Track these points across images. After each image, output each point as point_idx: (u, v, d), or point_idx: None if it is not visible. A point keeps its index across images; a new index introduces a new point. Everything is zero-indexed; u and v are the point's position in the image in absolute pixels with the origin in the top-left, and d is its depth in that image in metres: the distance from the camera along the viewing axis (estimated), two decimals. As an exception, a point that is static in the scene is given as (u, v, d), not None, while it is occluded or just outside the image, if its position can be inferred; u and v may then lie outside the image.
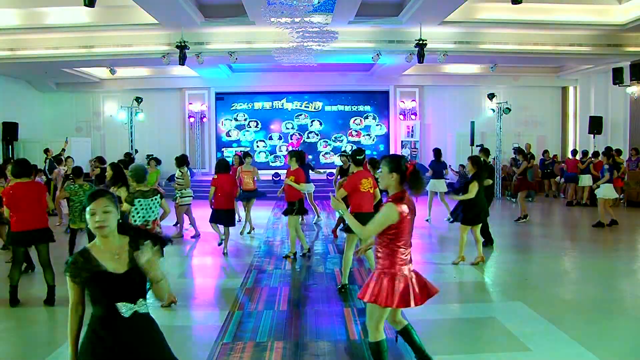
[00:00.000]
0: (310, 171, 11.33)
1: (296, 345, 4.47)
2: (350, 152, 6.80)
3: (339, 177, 9.87)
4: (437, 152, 11.77)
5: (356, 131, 19.57)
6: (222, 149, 19.36)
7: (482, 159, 8.13)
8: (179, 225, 9.97)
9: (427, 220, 11.12)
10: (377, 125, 19.61)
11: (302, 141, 19.21)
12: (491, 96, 17.41)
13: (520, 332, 4.71)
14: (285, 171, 11.26)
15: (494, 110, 17.16)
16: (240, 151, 19.13)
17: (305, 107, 19.52)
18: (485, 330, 4.79)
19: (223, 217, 8.02)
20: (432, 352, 4.16)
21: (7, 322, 5.23)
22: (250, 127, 19.45)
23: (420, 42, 12.69)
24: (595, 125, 16.52)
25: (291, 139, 19.41)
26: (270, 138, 19.48)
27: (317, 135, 19.51)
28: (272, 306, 5.59)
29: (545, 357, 4.21)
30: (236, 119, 19.46)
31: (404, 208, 3.32)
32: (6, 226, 7.44)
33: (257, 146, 19.35)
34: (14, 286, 5.58)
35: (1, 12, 12.50)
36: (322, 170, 15.30)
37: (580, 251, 8.64)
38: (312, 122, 19.51)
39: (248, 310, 5.45)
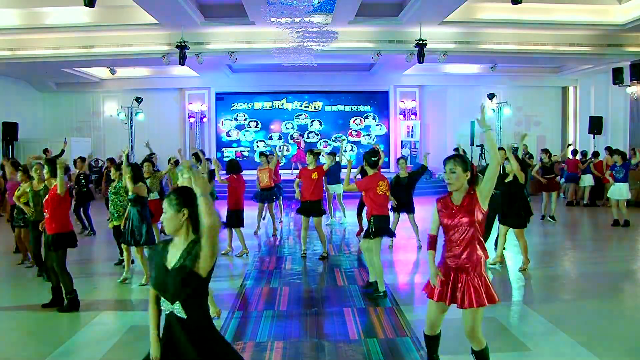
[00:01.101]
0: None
1: (296, 345, 4.47)
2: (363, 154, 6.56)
3: (358, 177, 9.62)
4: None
5: (356, 131, 19.57)
6: (222, 149, 19.37)
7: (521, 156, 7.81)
8: None
9: None
10: (377, 125, 19.61)
11: (302, 142, 19.18)
12: (491, 96, 17.43)
13: (520, 332, 4.72)
14: (288, 171, 11.20)
15: (494, 110, 17.19)
16: (240, 152, 19.23)
17: (305, 107, 19.53)
18: (485, 330, 4.78)
19: (233, 218, 7.94)
20: (432, 352, 4.17)
21: (7, 322, 5.23)
22: (250, 127, 19.45)
23: (420, 42, 12.70)
24: (595, 125, 16.52)
25: (292, 139, 19.41)
26: (271, 138, 19.49)
27: (317, 135, 19.51)
28: (272, 306, 5.59)
29: (545, 357, 4.21)
30: (236, 119, 19.47)
31: None
32: (22, 230, 7.42)
33: (257, 146, 19.35)
34: (74, 290, 5.49)
35: (1, 12, 12.50)
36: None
37: (581, 251, 8.64)
38: (312, 122, 19.52)
39: (248, 310, 5.45)
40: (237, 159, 11.92)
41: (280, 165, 9.98)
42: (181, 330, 2.41)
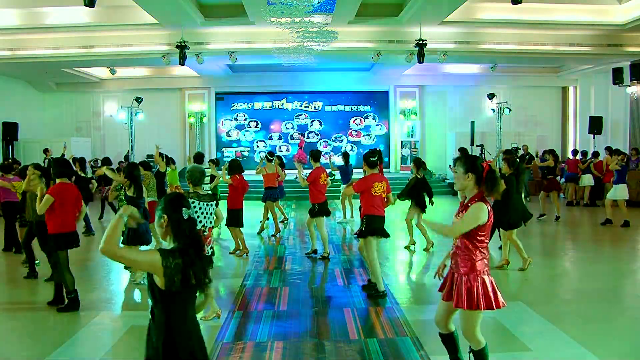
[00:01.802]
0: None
1: (296, 345, 4.47)
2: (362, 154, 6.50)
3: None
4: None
5: (356, 131, 19.57)
6: (222, 149, 19.37)
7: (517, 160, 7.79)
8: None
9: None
10: (377, 125, 19.61)
11: (303, 143, 19.18)
12: (491, 96, 17.44)
13: (520, 332, 4.71)
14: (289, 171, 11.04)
15: (493, 110, 17.19)
16: (240, 152, 19.24)
17: (305, 107, 19.53)
18: (485, 330, 4.78)
19: (234, 217, 7.91)
20: (432, 352, 4.18)
21: (7, 322, 5.23)
22: (250, 127, 19.45)
23: (420, 42, 12.70)
24: (595, 125, 16.51)
25: (291, 138, 19.42)
26: (271, 138, 19.48)
27: (317, 135, 19.51)
28: (272, 306, 5.59)
29: (545, 357, 4.21)
30: (236, 119, 19.47)
31: (489, 207, 3.30)
32: (24, 229, 7.42)
33: (257, 146, 19.35)
34: (75, 290, 5.48)
35: (1, 12, 12.50)
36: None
37: (581, 251, 8.64)
38: (312, 122, 19.52)
39: (248, 310, 5.45)
40: (238, 159, 12.00)
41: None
42: (152, 329, 2.49)
